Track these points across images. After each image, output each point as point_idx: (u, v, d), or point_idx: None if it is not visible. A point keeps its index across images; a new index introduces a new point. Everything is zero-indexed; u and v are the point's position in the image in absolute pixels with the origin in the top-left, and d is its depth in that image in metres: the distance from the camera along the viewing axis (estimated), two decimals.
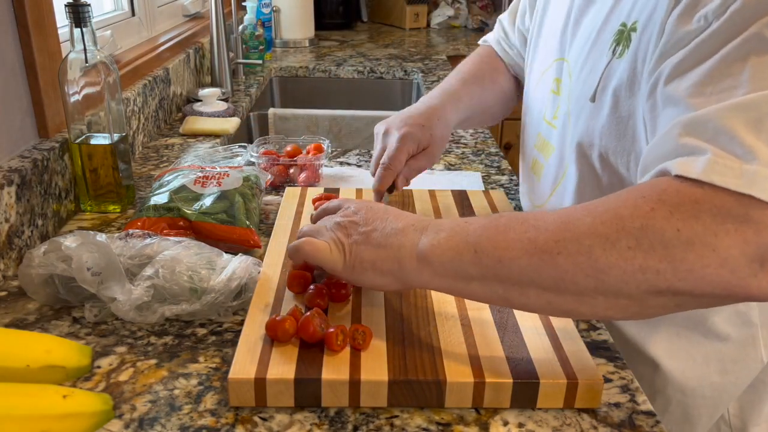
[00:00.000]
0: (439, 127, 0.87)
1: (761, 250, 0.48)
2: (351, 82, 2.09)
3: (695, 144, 0.51)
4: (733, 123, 0.50)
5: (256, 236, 0.86)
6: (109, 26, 1.37)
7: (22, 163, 0.85)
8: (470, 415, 0.60)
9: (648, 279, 0.50)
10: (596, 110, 0.70)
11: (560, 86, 0.79)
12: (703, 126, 0.51)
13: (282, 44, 2.37)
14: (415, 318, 0.68)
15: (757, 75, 0.50)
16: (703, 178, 0.49)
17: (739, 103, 0.50)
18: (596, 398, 0.60)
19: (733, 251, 0.48)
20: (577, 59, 0.75)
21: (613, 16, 0.68)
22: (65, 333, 0.70)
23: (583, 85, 0.72)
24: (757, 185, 0.48)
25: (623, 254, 0.50)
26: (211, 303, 0.70)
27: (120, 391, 0.62)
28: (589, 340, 0.71)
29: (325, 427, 0.58)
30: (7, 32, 0.87)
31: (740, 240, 0.48)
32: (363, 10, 2.95)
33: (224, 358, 0.67)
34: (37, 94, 0.93)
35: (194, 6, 1.89)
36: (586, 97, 0.71)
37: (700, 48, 0.55)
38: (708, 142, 0.50)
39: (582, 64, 0.73)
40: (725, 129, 0.50)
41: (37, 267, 0.71)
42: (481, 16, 2.87)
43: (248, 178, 0.95)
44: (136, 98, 1.25)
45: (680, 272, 0.49)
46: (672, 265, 0.49)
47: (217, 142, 1.34)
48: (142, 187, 1.09)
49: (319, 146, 1.12)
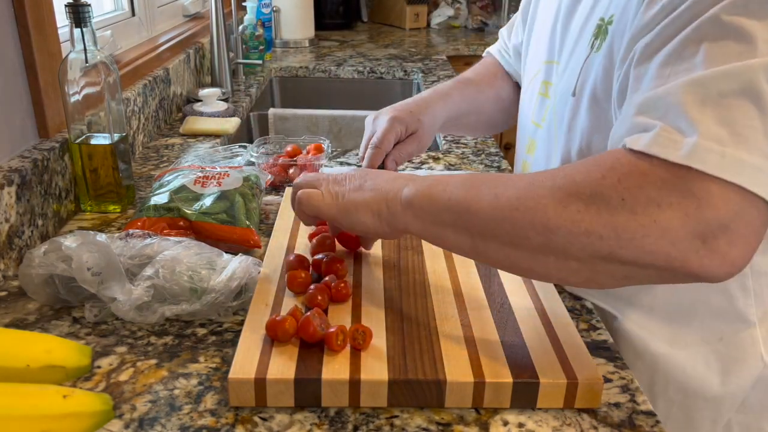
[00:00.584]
0: (427, 116, 0.90)
1: (702, 226, 0.49)
2: (351, 82, 2.09)
3: (648, 121, 0.53)
4: (682, 99, 0.51)
5: (256, 236, 0.86)
6: (109, 26, 1.37)
7: (22, 163, 0.85)
8: (470, 415, 0.60)
9: (592, 243, 0.52)
10: (577, 104, 0.71)
11: (548, 88, 0.80)
12: (654, 104, 0.53)
13: (282, 44, 2.37)
14: (415, 318, 0.68)
15: (710, 58, 0.52)
16: (646, 150, 0.51)
17: (690, 80, 0.52)
18: (596, 398, 0.60)
19: (673, 223, 0.49)
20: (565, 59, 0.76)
21: (594, 12, 0.70)
22: (65, 333, 0.70)
23: (566, 81, 0.74)
24: (696, 157, 0.49)
25: (572, 217, 0.52)
26: (211, 303, 0.70)
27: (120, 391, 0.62)
28: (589, 340, 0.71)
29: (325, 427, 0.58)
30: (7, 32, 0.87)
31: (682, 213, 0.49)
32: (363, 10, 2.95)
33: (224, 358, 0.67)
34: (37, 94, 0.93)
35: (194, 6, 1.89)
36: (568, 92, 0.73)
37: (664, 32, 0.56)
38: (659, 118, 0.52)
39: (566, 62, 0.75)
40: (674, 106, 0.52)
41: (37, 267, 0.71)
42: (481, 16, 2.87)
43: (248, 178, 0.95)
44: (136, 98, 1.25)
45: (622, 240, 0.51)
46: (615, 232, 0.51)
47: (217, 142, 1.34)
48: (142, 187, 1.09)
49: (319, 146, 1.12)
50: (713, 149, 0.49)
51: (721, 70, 0.51)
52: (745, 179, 0.49)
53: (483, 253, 0.59)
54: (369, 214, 0.65)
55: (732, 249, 0.50)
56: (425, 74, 2.00)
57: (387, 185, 0.65)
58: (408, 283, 0.74)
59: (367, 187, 0.67)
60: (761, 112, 0.50)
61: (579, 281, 0.56)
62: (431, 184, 0.62)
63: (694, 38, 0.53)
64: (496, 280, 0.75)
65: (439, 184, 0.61)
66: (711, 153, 0.49)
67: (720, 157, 0.49)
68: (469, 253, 0.61)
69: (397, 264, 0.78)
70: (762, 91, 0.50)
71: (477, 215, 0.57)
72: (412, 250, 0.81)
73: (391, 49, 2.37)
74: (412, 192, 0.62)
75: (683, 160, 0.49)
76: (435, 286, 0.74)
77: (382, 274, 0.76)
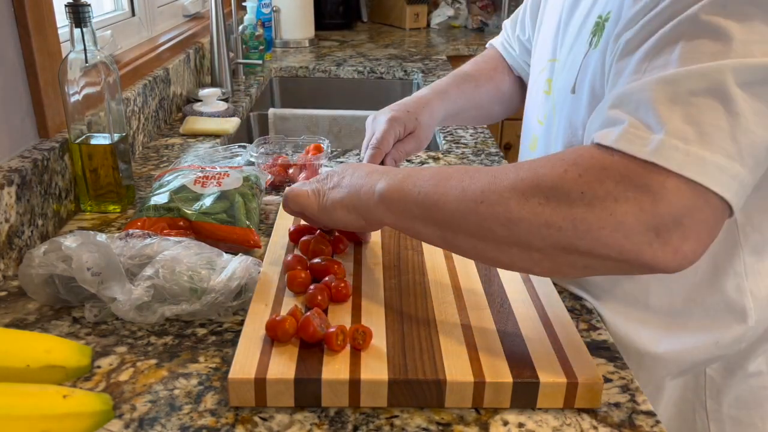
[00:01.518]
0: (425, 115, 0.92)
1: (656, 220, 0.50)
2: (351, 82, 2.09)
3: (618, 116, 0.54)
4: (652, 96, 0.52)
5: (256, 236, 0.86)
6: (109, 26, 1.37)
7: (22, 163, 0.85)
8: (470, 415, 0.60)
9: (552, 234, 0.54)
10: (576, 101, 0.72)
11: (551, 86, 0.81)
12: (627, 99, 0.54)
13: (282, 44, 2.37)
14: (415, 318, 0.68)
15: (685, 56, 0.52)
16: (613, 145, 0.52)
17: (663, 77, 0.53)
18: (596, 398, 0.60)
19: (628, 217, 0.51)
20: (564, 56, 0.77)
21: (593, 10, 0.71)
22: (65, 333, 0.70)
23: (566, 78, 0.74)
24: (660, 153, 0.50)
25: (533, 209, 0.54)
26: (211, 303, 0.70)
27: (120, 391, 0.62)
28: (589, 340, 0.71)
29: (325, 427, 0.58)
30: (7, 32, 0.87)
31: (637, 207, 0.51)
32: (363, 10, 2.95)
33: (224, 358, 0.67)
34: (37, 94, 0.93)
35: (194, 6, 1.89)
36: (568, 89, 0.73)
37: (645, 27, 0.57)
38: (629, 113, 0.53)
39: (565, 60, 0.76)
40: (645, 102, 0.53)
41: (37, 267, 0.71)
42: (481, 16, 2.87)
43: (248, 178, 0.95)
44: (136, 98, 1.25)
45: (579, 231, 0.52)
46: (573, 223, 0.53)
47: (217, 142, 1.34)
48: (142, 187, 1.09)
49: (319, 146, 1.12)
50: (678, 147, 0.50)
51: (693, 69, 0.52)
52: (705, 177, 0.50)
53: (452, 244, 0.62)
54: (344, 210, 0.69)
55: (684, 243, 0.51)
56: (425, 74, 2.00)
57: (361, 181, 0.68)
58: (408, 283, 0.74)
59: (344, 184, 0.70)
60: (728, 113, 0.51)
61: (543, 271, 0.59)
62: (402, 178, 0.65)
63: (672, 36, 0.54)
64: (496, 280, 0.75)
65: (409, 178, 0.64)
66: (676, 150, 0.50)
67: (684, 155, 0.50)
68: (439, 244, 0.64)
69: (397, 264, 0.78)
70: (731, 92, 0.50)
71: (444, 209, 0.60)
72: (412, 250, 0.82)
73: (391, 49, 2.37)
74: (384, 186, 0.65)
75: (648, 156, 0.51)
76: (435, 286, 0.74)
77: (382, 274, 0.76)
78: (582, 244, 0.53)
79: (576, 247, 0.53)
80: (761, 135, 0.51)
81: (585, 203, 0.52)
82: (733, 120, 0.51)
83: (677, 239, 0.51)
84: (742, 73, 0.51)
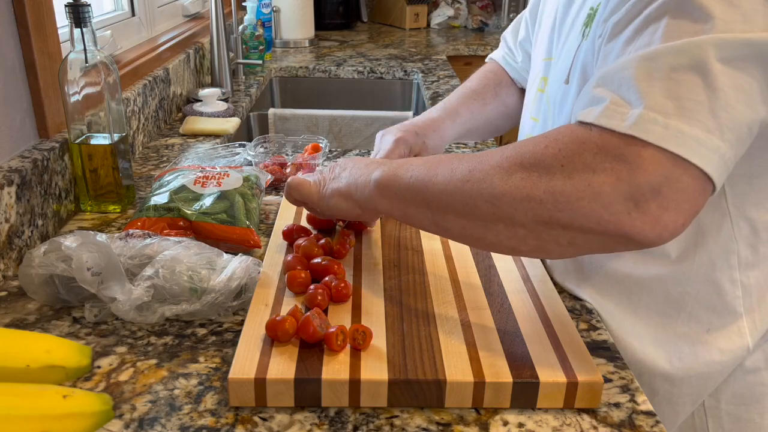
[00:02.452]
0: (434, 138, 0.94)
1: (633, 189, 0.51)
2: (351, 82, 2.09)
3: (602, 94, 0.55)
4: (634, 73, 0.54)
5: (256, 236, 0.86)
6: (109, 26, 1.37)
7: (22, 163, 0.85)
8: (470, 415, 0.60)
9: (533, 207, 0.55)
10: (570, 91, 0.73)
11: (546, 83, 0.81)
12: (610, 78, 0.55)
13: (282, 44, 2.37)
14: (415, 318, 0.68)
15: (668, 34, 0.54)
16: (595, 121, 0.54)
17: (643, 54, 0.54)
18: (596, 398, 0.60)
19: (606, 187, 0.52)
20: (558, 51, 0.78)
21: (585, 3, 0.72)
22: (65, 333, 0.70)
23: (560, 71, 0.75)
24: (639, 127, 0.51)
25: (515, 184, 0.56)
26: (211, 303, 0.70)
27: (120, 391, 0.62)
28: (589, 340, 0.71)
29: (325, 427, 0.58)
30: (7, 32, 0.87)
31: (614, 177, 0.52)
32: (363, 10, 2.95)
33: (224, 358, 0.67)
34: (37, 94, 0.93)
35: (194, 6, 1.89)
36: (562, 81, 0.74)
37: (632, 9, 0.58)
38: (612, 91, 0.55)
39: (559, 55, 0.77)
40: (627, 78, 0.54)
41: (37, 267, 0.71)
42: (481, 16, 2.87)
43: (248, 178, 0.95)
44: (136, 98, 1.25)
45: (559, 203, 0.54)
46: (552, 196, 0.54)
47: (217, 142, 1.34)
48: (142, 187, 1.09)
49: (316, 146, 1.13)
50: (657, 120, 0.51)
51: (673, 45, 0.53)
52: (684, 149, 0.51)
53: (442, 227, 0.63)
54: (342, 199, 0.72)
55: (664, 213, 0.52)
56: (425, 74, 2.00)
57: (359, 171, 0.71)
58: (408, 283, 0.74)
59: (344, 176, 0.73)
60: (708, 87, 0.51)
61: (528, 249, 0.59)
62: (397, 166, 0.67)
63: (656, 15, 0.55)
64: (496, 280, 0.75)
65: (403, 165, 0.67)
66: (655, 124, 0.51)
67: (663, 128, 0.51)
68: (431, 228, 0.65)
69: (397, 264, 0.78)
70: (711, 67, 0.51)
71: (434, 190, 0.62)
72: (412, 250, 0.82)
73: (391, 49, 2.37)
74: (380, 174, 0.68)
75: (627, 129, 0.52)
76: (435, 286, 0.74)
77: (382, 274, 0.76)
78: (562, 216, 0.54)
79: (557, 220, 0.54)
80: (741, 110, 0.52)
81: (564, 175, 0.54)
82: (712, 95, 0.51)
83: (656, 208, 0.52)
84: (722, 48, 0.51)
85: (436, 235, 0.85)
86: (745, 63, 0.52)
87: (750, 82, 0.52)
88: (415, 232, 0.86)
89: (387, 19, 2.94)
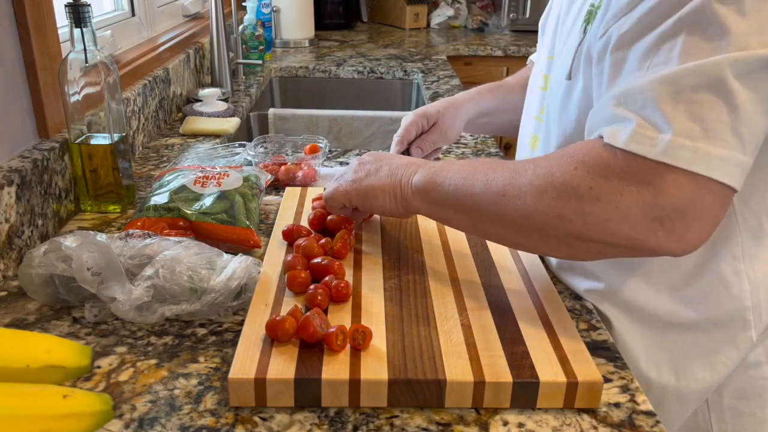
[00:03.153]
0: (449, 109, 1.01)
1: (658, 212, 0.55)
2: (351, 82, 2.09)
3: (625, 114, 0.57)
4: (657, 95, 0.55)
5: (256, 236, 0.86)
6: (109, 26, 1.37)
7: (22, 163, 0.85)
8: (470, 415, 0.60)
9: (564, 225, 0.59)
10: (571, 86, 0.74)
11: (547, 81, 0.82)
12: (632, 97, 0.57)
13: (282, 44, 2.37)
14: (415, 318, 0.68)
15: (686, 51, 0.55)
16: (625, 147, 0.56)
17: (665, 76, 0.55)
18: (596, 398, 0.60)
19: (633, 210, 0.56)
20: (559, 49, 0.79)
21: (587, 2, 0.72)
22: (65, 333, 0.70)
23: (561, 67, 0.76)
24: (668, 153, 0.54)
25: (547, 203, 0.60)
26: (211, 303, 0.70)
27: (120, 391, 0.62)
28: (589, 340, 0.71)
29: (325, 427, 0.58)
30: (7, 32, 0.87)
31: (640, 201, 0.55)
32: (363, 10, 2.95)
33: (224, 358, 0.67)
34: (37, 94, 0.93)
35: (194, 6, 1.89)
36: (563, 77, 0.75)
37: (644, 20, 0.59)
38: (635, 112, 0.57)
39: (560, 52, 0.78)
40: (650, 100, 0.56)
41: (37, 267, 0.71)
42: (481, 16, 2.87)
43: (248, 178, 0.95)
44: (136, 98, 1.25)
45: (588, 223, 0.58)
46: (582, 216, 0.58)
47: (217, 142, 1.34)
48: (142, 187, 1.09)
49: (315, 147, 1.13)
50: (686, 145, 0.54)
51: (692, 66, 0.54)
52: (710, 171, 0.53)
53: (481, 230, 0.68)
54: (387, 197, 0.75)
55: (688, 231, 0.55)
56: (425, 74, 2.00)
57: (400, 171, 0.74)
58: (408, 283, 0.74)
59: (383, 173, 0.76)
60: (729, 107, 0.54)
61: (562, 255, 0.65)
62: (435, 172, 0.71)
63: (672, 32, 0.56)
64: (496, 280, 0.75)
65: (441, 172, 0.70)
66: (683, 149, 0.54)
67: (691, 152, 0.54)
68: (470, 230, 0.72)
69: (397, 264, 0.78)
70: (729, 85, 0.53)
71: (471, 200, 0.66)
72: (412, 250, 0.82)
73: (391, 49, 2.37)
74: (420, 179, 0.72)
75: (659, 156, 0.54)
76: (435, 286, 0.74)
77: (382, 274, 0.76)
78: (592, 234, 0.58)
79: (587, 236, 0.59)
80: (759, 122, 0.55)
81: (592, 197, 0.57)
82: (734, 113, 0.54)
83: (681, 228, 0.55)
84: (738, 65, 0.53)
85: (435, 235, 0.85)
86: (760, 76, 0.54)
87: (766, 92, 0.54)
88: (415, 232, 0.86)
89: (387, 19, 2.94)
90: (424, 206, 0.72)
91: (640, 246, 0.57)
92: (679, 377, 0.75)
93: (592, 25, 0.69)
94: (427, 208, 0.72)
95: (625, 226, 0.56)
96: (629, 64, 0.59)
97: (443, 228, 0.87)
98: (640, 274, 0.73)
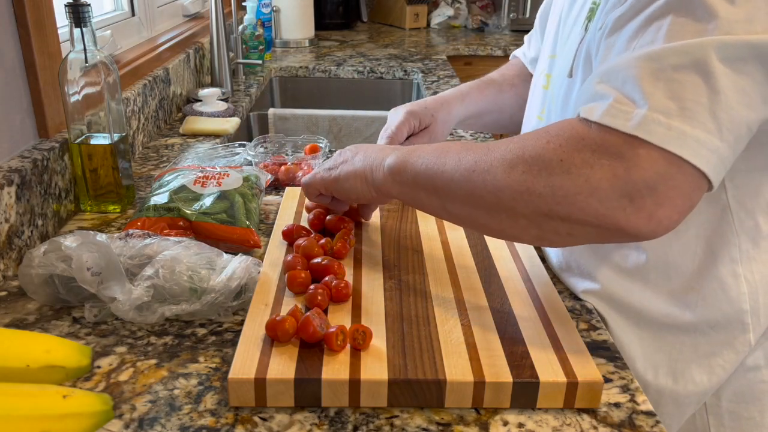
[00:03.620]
0: (442, 112, 0.98)
1: (629, 187, 0.53)
2: (351, 82, 2.09)
3: (605, 90, 0.57)
4: (638, 72, 0.55)
5: (256, 236, 0.86)
6: (109, 26, 1.37)
7: (22, 163, 0.85)
8: (470, 415, 0.60)
9: (533, 200, 0.57)
10: (573, 84, 0.74)
11: (549, 80, 0.82)
12: (615, 74, 0.57)
13: (282, 44, 2.37)
14: (415, 318, 0.68)
15: (673, 31, 0.55)
16: (599, 120, 0.55)
17: (648, 53, 0.55)
18: (596, 398, 0.60)
19: (603, 183, 0.54)
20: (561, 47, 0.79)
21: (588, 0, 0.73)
22: (65, 333, 0.70)
23: (563, 65, 0.76)
24: (642, 127, 0.53)
25: (517, 177, 0.58)
26: (211, 303, 0.70)
27: (120, 391, 0.62)
28: (589, 340, 0.71)
29: (325, 427, 0.58)
30: (7, 32, 0.87)
31: (611, 174, 0.54)
32: (363, 10, 2.95)
33: (224, 358, 0.67)
34: (37, 94, 0.93)
35: (194, 6, 1.89)
36: (565, 75, 0.75)
37: (636, 5, 0.59)
38: (616, 89, 0.56)
39: (562, 50, 0.78)
40: (631, 77, 0.55)
41: (37, 267, 0.71)
42: (481, 16, 2.87)
43: (248, 178, 0.95)
44: (136, 98, 1.25)
45: (557, 197, 0.56)
46: (551, 190, 0.56)
47: (217, 142, 1.34)
48: (142, 187, 1.09)
49: (315, 147, 1.13)
50: (660, 121, 0.53)
51: (677, 45, 0.54)
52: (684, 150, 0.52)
53: (450, 212, 0.66)
54: (359, 181, 0.75)
55: (658, 209, 0.54)
56: (425, 74, 2.00)
57: (374, 155, 0.74)
58: (408, 283, 0.74)
59: (358, 159, 0.76)
60: (709, 89, 0.53)
61: (530, 238, 0.62)
62: (408, 152, 0.70)
63: (660, 13, 0.56)
64: (496, 280, 0.75)
65: (415, 152, 0.69)
66: (658, 125, 0.53)
67: (666, 129, 0.52)
68: (441, 213, 0.68)
69: (397, 264, 0.78)
70: (712, 68, 0.53)
71: (442, 178, 0.64)
72: (412, 250, 0.82)
73: (391, 49, 2.37)
74: (392, 160, 0.70)
75: (632, 130, 0.53)
76: (435, 286, 0.74)
77: (382, 274, 0.76)
78: (560, 210, 0.56)
79: (556, 213, 0.57)
80: (741, 111, 0.54)
81: (563, 170, 0.56)
82: (714, 97, 0.53)
83: (651, 205, 0.54)
84: (724, 49, 0.52)
85: (435, 236, 0.85)
86: (746, 64, 0.53)
87: (751, 83, 0.53)
88: (415, 232, 0.86)
89: (387, 19, 2.94)
90: (395, 188, 0.71)
91: (608, 224, 0.55)
92: (676, 380, 0.75)
93: (593, 22, 0.69)
94: (399, 189, 0.70)
95: (593, 201, 0.54)
96: (618, 46, 0.59)
97: (443, 228, 0.87)
98: (638, 275, 0.73)
